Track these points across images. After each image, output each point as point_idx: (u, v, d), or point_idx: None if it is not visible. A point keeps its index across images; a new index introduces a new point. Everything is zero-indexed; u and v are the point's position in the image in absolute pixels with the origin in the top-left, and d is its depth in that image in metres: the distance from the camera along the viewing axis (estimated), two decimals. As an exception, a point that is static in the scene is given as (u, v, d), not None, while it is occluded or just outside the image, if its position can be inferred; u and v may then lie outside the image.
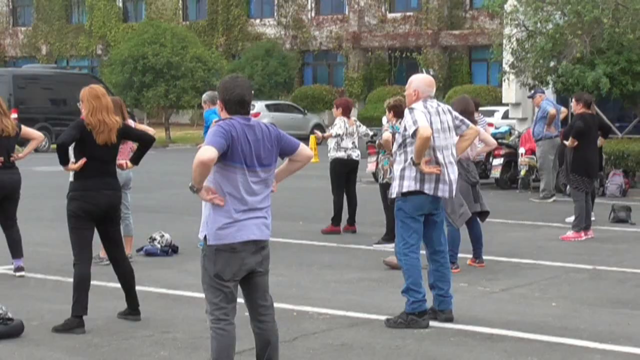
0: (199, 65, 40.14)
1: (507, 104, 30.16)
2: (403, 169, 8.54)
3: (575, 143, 13.85)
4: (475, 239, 11.54)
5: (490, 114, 35.03)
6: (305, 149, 6.41)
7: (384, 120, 13.33)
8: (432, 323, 8.47)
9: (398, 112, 12.33)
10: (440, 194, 8.53)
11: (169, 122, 42.74)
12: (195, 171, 5.96)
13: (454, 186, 8.64)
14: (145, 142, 8.76)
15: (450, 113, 8.75)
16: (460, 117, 8.92)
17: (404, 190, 8.50)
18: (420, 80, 8.66)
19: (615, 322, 8.70)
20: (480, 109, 38.33)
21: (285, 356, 6.89)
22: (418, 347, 7.75)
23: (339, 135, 14.21)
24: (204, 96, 13.37)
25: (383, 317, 8.58)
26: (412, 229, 8.51)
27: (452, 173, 8.59)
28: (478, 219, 11.51)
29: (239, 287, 6.24)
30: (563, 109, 19.79)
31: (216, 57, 42.56)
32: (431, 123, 8.45)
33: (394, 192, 8.64)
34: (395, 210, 8.70)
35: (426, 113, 8.47)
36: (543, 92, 20.43)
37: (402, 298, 8.54)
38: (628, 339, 8.04)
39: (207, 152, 5.92)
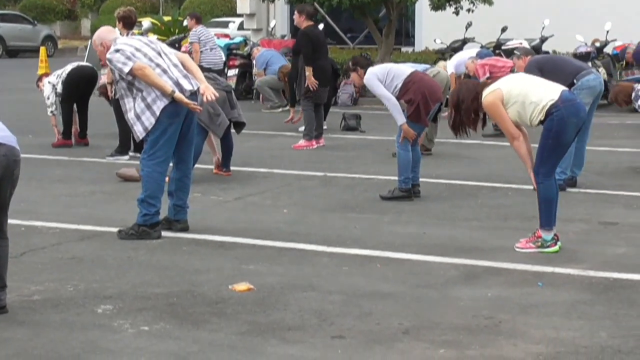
0: None
1: (241, 15, 30.24)
2: (135, 114, 8.28)
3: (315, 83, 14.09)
4: (228, 148, 11.64)
5: (225, 25, 35.02)
6: None
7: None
8: (165, 233, 8.45)
9: (128, 23, 12.18)
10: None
11: None
12: None
13: (198, 97, 8.47)
14: None
15: (152, 41, 8.66)
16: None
17: (149, 127, 8.27)
18: (100, 34, 8.71)
19: (343, 225, 8.98)
20: (216, 19, 38.19)
21: (12, 272, 6.64)
22: (150, 257, 7.72)
23: None
24: None
25: (115, 230, 8.48)
26: (163, 139, 8.31)
27: (188, 84, 8.42)
28: (232, 130, 11.64)
29: None
30: None
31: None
32: (143, 54, 8.32)
33: (141, 136, 8.38)
34: None
35: (127, 46, 8.31)
36: None
37: (134, 210, 8.45)
38: (354, 241, 8.32)
39: None
